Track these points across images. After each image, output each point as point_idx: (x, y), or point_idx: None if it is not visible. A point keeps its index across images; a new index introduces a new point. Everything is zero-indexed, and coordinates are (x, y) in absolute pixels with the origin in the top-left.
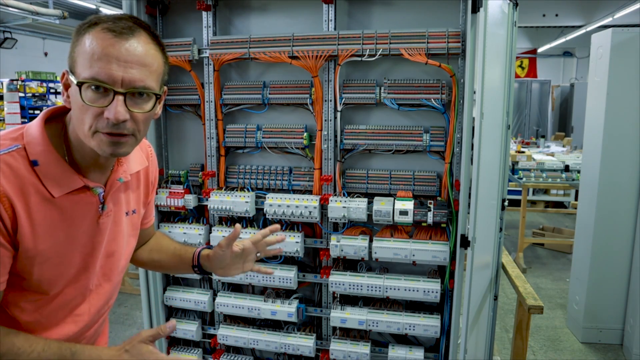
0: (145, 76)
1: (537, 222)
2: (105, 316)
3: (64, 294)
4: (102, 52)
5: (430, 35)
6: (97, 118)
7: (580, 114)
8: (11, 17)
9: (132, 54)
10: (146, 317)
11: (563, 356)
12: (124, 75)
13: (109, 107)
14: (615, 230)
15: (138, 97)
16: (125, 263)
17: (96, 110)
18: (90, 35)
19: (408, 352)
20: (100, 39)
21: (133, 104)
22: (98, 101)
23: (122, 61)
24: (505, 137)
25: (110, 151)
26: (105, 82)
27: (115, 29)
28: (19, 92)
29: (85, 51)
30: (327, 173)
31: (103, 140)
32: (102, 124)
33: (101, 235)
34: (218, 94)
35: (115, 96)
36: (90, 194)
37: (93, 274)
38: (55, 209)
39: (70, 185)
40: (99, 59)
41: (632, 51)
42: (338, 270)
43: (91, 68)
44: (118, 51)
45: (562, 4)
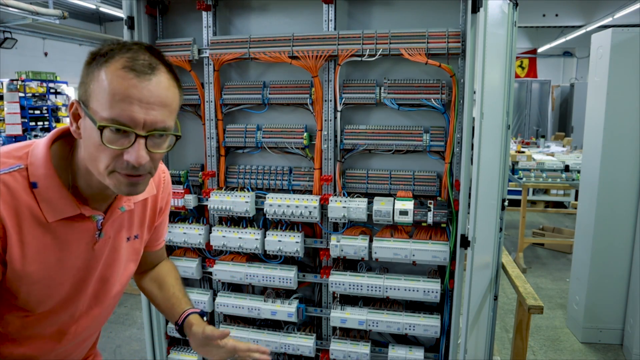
0: (166, 117)
1: (537, 222)
2: (93, 338)
3: (52, 314)
4: (124, 93)
5: (430, 35)
6: (115, 158)
7: (580, 114)
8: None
9: (155, 96)
10: (146, 317)
11: (563, 356)
12: (146, 117)
13: (130, 150)
14: (615, 230)
15: (157, 137)
16: (120, 288)
17: (115, 151)
18: (109, 72)
19: (408, 352)
20: (121, 77)
21: (152, 145)
22: (117, 142)
23: (144, 103)
24: (505, 137)
25: (128, 191)
26: (127, 125)
27: (136, 67)
28: (19, 92)
29: (104, 89)
30: (327, 173)
31: (121, 181)
32: (121, 165)
33: (96, 260)
34: (218, 94)
35: (137, 139)
36: (88, 221)
37: (84, 298)
38: (48, 233)
39: (65, 212)
40: (121, 100)
41: (632, 51)
42: (338, 270)
43: (111, 109)
44: (140, 93)
45: (562, 4)
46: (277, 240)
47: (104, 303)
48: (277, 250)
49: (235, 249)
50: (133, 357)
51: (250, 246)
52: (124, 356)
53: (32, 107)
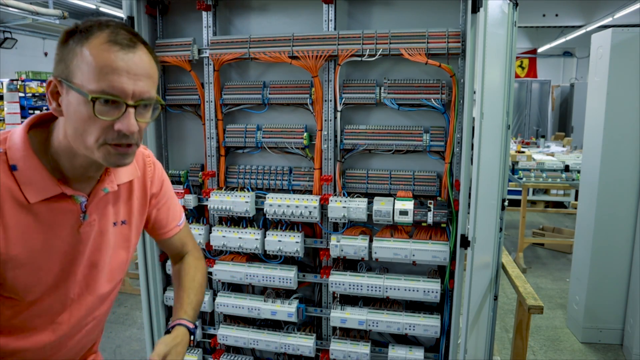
0: (150, 87)
1: (537, 222)
2: (93, 336)
3: (41, 301)
4: (112, 65)
5: (430, 35)
6: (105, 130)
7: (580, 114)
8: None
9: (140, 67)
10: (146, 317)
11: (563, 356)
12: (134, 88)
13: (122, 119)
14: (615, 230)
15: (143, 108)
16: (111, 276)
17: (105, 122)
18: (92, 47)
19: (408, 352)
20: (106, 51)
21: (139, 115)
22: (108, 113)
23: (131, 74)
24: (505, 137)
25: (117, 162)
26: (118, 95)
27: (119, 40)
28: (19, 92)
29: (89, 63)
30: (327, 173)
31: (111, 152)
32: (111, 136)
33: (83, 244)
34: (218, 94)
35: (127, 109)
36: (71, 202)
37: (74, 284)
38: (31, 214)
39: (47, 192)
40: (110, 72)
41: (632, 51)
42: (338, 270)
43: (101, 81)
44: (127, 64)
45: (562, 4)
46: (277, 240)
47: (95, 290)
48: (277, 250)
49: (235, 249)
50: (133, 357)
51: (250, 246)
52: (124, 356)
53: (32, 107)
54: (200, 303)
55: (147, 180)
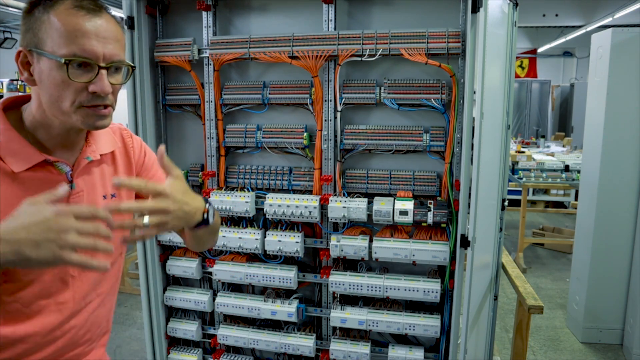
0: (119, 50)
1: (537, 222)
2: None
3: (40, 281)
4: (81, 29)
5: (430, 35)
6: (79, 93)
7: (580, 114)
8: (11, 17)
9: (108, 30)
10: (146, 317)
11: (563, 356)
12: (104, 50)
13: (95, 81)
14: (615, 230)
15: (115, 70)
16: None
17: (79, 85)
18: (59, 13)
19: (408, 352)
20: (73, 16)
21: (111, 77)
22: (82, 76)
23: (100, 37)
24: (505, 137)
25: (95, 122)
26: (89, 58)
27: (85, 6)
28: (19, 92)
29: (58, 29)
30: (327, 173)
31: (89, 114)
32: (86, 98)
33: None
34: (218, 94)
35: (100, 70)
36: (56, 172)
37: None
38: (16, 185)
39: (30, 160)
40: (79, 36)
41: (632, 51)
42: (338, 270)
43: (71, 45)
44: (96, 28)
45: (562, 4)
46: (277, 240)
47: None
48: (277, 250)
49: (235, 249)
50: (133, 357)
51: (250, 246)
52: (124, 356)
53: None
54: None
55: (129, 150)
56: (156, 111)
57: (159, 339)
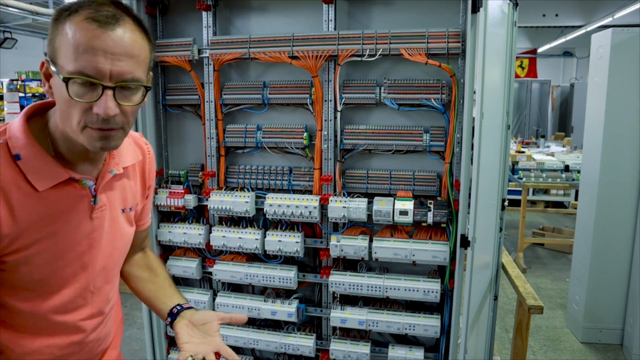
0: (134, 68)
1: (537, 222)
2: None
3: (61, 295)
4: (87, 44)
5: (430, 35)
6: (85, 113)
7: (580, 114)
8: (11, 17)
9: (119, 45)
10: (146, 317)
11: (563, 356)
12: (112, 68)
13: (98, 102)
14: (615, 230)
15: (126, 89)
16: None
17: (84, 105)
18: (73, 25)
19: (408, 352)
20: (84, 29)
21: (122, 97)
22: (85, 96)
23: (109, 53)
24: (505, 137)
25: (101, 145)
26: (92, 76)
27: (99, 17)
28: (19, 92)
29: (68, 42)
30: (327, 173)
31: (93, 136)
32: (91, 119)
33: (97, 232)
34: (218, 94)
35: (104, 91)
36: (80, 187)
37: (94, 275)
38: (41, 203)
39: (54, 178)
40: (85, 51)
41: (632, 51)
42: (338, 270)
43: (76, 61)
44: (104, 43)
45: (562, 4)
46: (277, 240)
47: (112, 279)
48: (277, 250)
49: (235, 249)
50: (133, 357)
51: (250, 246)
52: (124, 356)
53: None
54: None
55: (146, 167)
56: (156, 111)
57: (159, 339)
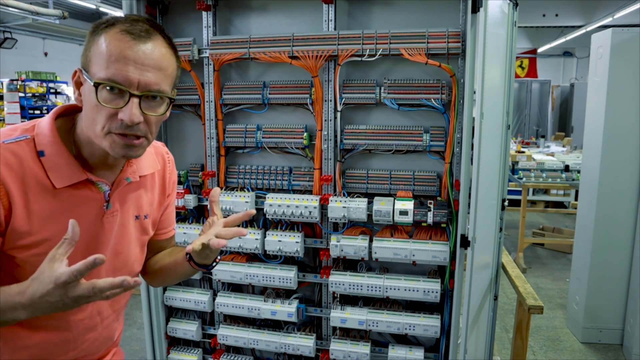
0: (161, 80)
1: (537, 222)
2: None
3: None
4: (120, 54)
5: (430, 35)
6: (110, 119)
7: (580, 114)
8: (11, 17)
9: (149, 57)
10: (146, 317)
11: (563, 356)
12: (140, 78)
13: (124, 108)
14: (615, 230)
15: (152, 100)
16: (132, 268)
17: (110, 110)
18: (108, 36)
19: (408, 352)
20: (118, 40)
21: (147, 107)
22: (113, 102)
23: (139, 64)
24: (505, 137)
25: (123, 153)
26: (121, 83)
27: (133, 31)
28: (19, 92)
29: (102, 52)
30: (327, 173)
31: (116, 142)
32: (115, 125)
33: (105, 235)
34: (218, 94)
35: (130, 98)
36: (96, 190)
37: (98, 276)
38: (56, 201)
39: (73, 177)
40: (116, 60)
41: (632, 51)
42: (338, 270)
43: (108, 69)
44: (135, 54)
45: (562, 4)
46: (277, 240)
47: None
48: (277, 250)
49: (235, 249)
50: (133, 357)
51: (250, 246)
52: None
53: (32, 107)
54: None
55: (166, 177)
56: None
57: (159, 339)
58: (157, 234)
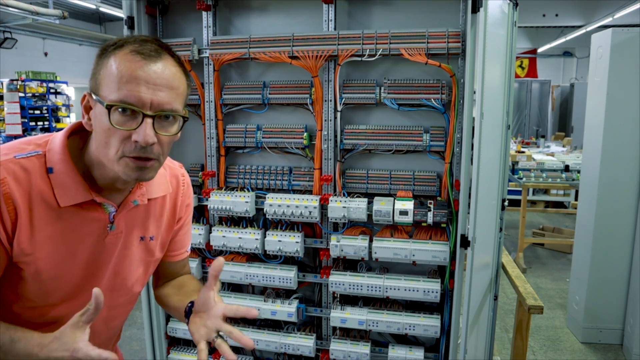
0: (173, 99)
1: (537, 222)
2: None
3: (58, 309)
4: (131, 74)
5: (430, 35)
6: (124, 141)
7: (580, 114)
8: (11, 17)
9: (161, 77)
10: (146, 317)
11: (563, 356)
12: (152, 98)
13: (138, 130)
14: (615, 230)
15: (165, 120)
16: (131, 290)
17: (124, 133)
18: (117, 58)
19: (408, 352)
20: (128, 61)
21: (160, 127)
22: (126, 124)
23: (151, 84)
24: (505, 137)
25: (136, 176)
26: (134, 104)
27: (143, 51)
28: (19, 92)
29: (112, 73)
30: (327, 173)
31: (129, 165)
32: (129, 148)
33: (107, 255)
34: (218, 94)
35: (144, 119)
36: (101, 211)
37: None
38: (59, 219)
39: (77, 197)
40: (128, 81)
41: (632, 51)
42: (338, 270)
43: (119, 90)
44: (147, 74)
45: (562, 4)
46: (277, 240)
47: (114, 302)
48: (277, 250)
49: (235, 249)
50: (133, 357)
51: (250, 246)
52: (124, 356)
53: (32, 107)
54: None
55: (178, 200)
56: None
57: (159, 339)
58: (168, 255)
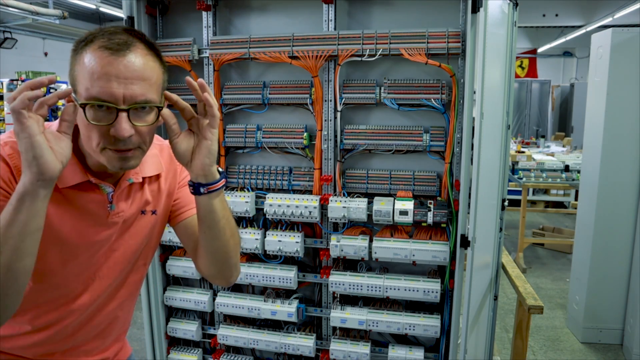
0: (146, 90)
1: (537, 222)
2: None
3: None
4: (101, 71)
5: (430, 35)
6: (103, 136)
7: (580, 114)
8: (11, 17)
9: (131, 70)
10: (146, 317)
11: (563, 356)
12: (124, 92)
13: (114, 124)
14: (615, 230)
15: (141, 110)
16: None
17: (102, 128)
18: (88, 54)
19: (408, 352)
20: (98, 57)
21: (136, 118)
22: (103, 119)
23: (121, 78)
24: (505, 137)
25: (120, 166)
26: (107, 101)
27: (111, 46)
28: None
29: (84, 70)
30: (327, 173)
31: (112, 157)
32: (109, 141)
33: (110, 235)
34: (218, 94)
35: (119, 113)
36: (99, 192)
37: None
38: (64, 199)
39: (74, 179)
40: (99, 78)
41: (632, 51)
42: (338, 270)
43: (92, 88)
44: (117, 69)
45: (562, 4)
46: (277, 240)
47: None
48: (277, 250)
49: None
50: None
51: (250, 246)
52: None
53: None
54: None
55: (176, 169)
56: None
57: (159, 339)
58: (181, 214)
